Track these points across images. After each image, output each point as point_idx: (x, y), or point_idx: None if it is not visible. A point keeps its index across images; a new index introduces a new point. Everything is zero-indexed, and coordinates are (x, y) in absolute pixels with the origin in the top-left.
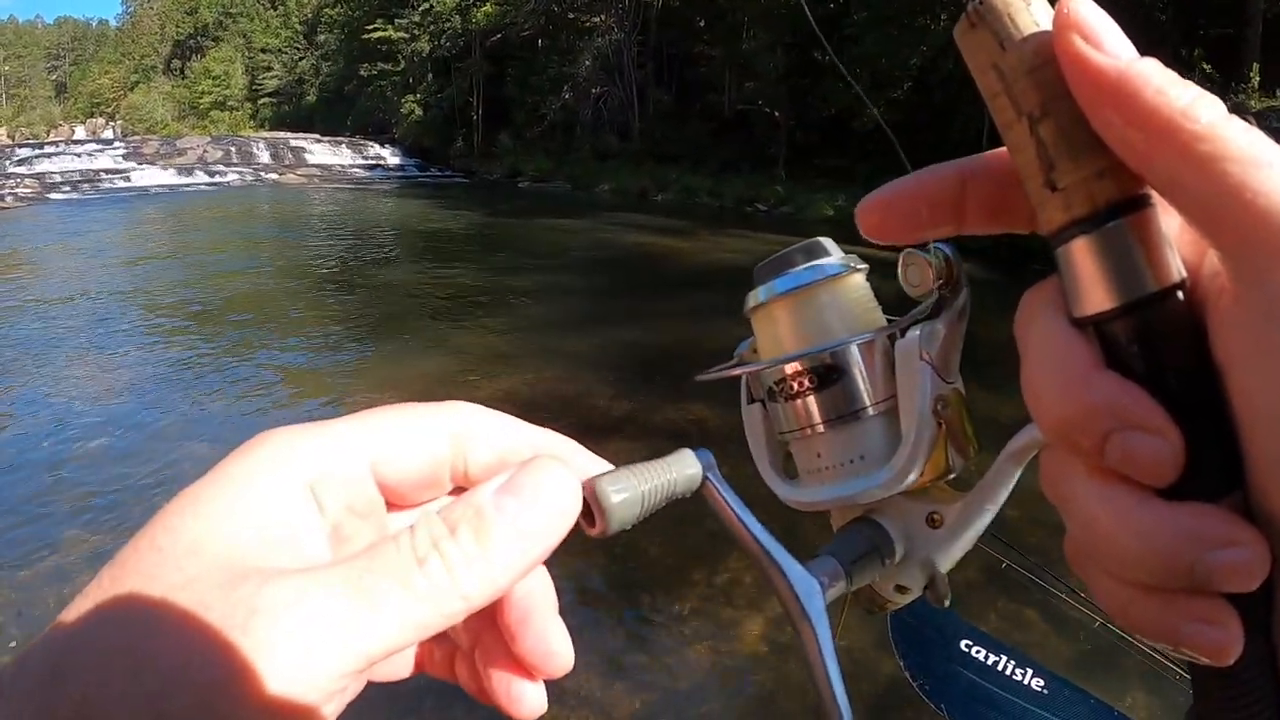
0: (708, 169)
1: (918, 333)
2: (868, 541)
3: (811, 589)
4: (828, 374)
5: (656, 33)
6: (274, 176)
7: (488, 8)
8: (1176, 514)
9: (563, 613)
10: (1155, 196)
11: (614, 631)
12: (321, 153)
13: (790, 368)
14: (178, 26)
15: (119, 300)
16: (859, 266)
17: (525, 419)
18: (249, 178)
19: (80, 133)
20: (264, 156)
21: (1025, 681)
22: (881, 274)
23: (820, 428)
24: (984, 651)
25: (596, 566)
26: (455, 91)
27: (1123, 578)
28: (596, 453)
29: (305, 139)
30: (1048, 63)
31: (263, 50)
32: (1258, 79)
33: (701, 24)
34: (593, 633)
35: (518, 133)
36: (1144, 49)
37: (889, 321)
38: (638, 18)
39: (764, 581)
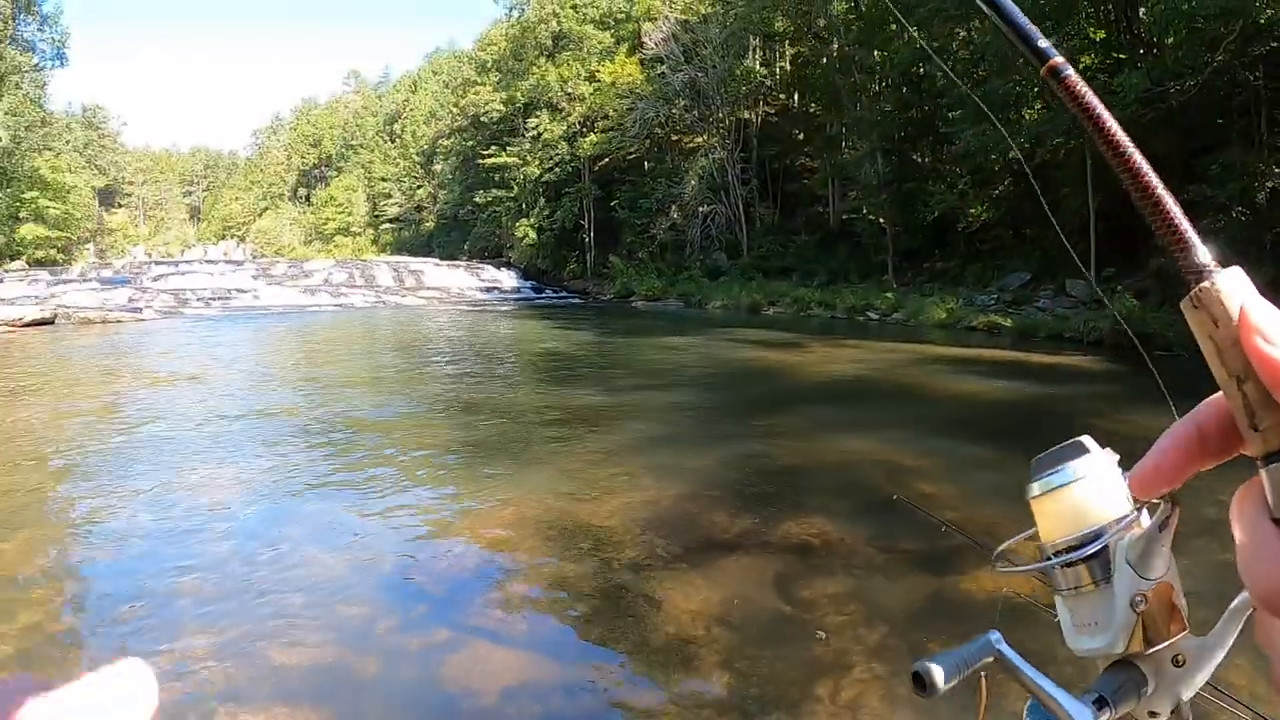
0: (817, 279)
1: (1125, 539)
2: (1126, 678)
3: (1085, 717)
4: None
5: (758, 149)
6: (395, 298)
7: (593, 136)
8: None
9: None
10: None
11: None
12: (440, 275)
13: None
14: (303, 157)
15: (249, 412)
16: (1114, 457)
17: (646, 537)
18: (371, 299)
19: (213, 253)
20: (385, 279)
21: None
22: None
23: (1078, 591)
24: None
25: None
26: (566, 215)
27: None
28: (719, 567)
29: (425, 262)
30: None
31: (382, 179)
32: None
33: (800, 137)
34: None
35: (628, 252)
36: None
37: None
38: (739, 135)
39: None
